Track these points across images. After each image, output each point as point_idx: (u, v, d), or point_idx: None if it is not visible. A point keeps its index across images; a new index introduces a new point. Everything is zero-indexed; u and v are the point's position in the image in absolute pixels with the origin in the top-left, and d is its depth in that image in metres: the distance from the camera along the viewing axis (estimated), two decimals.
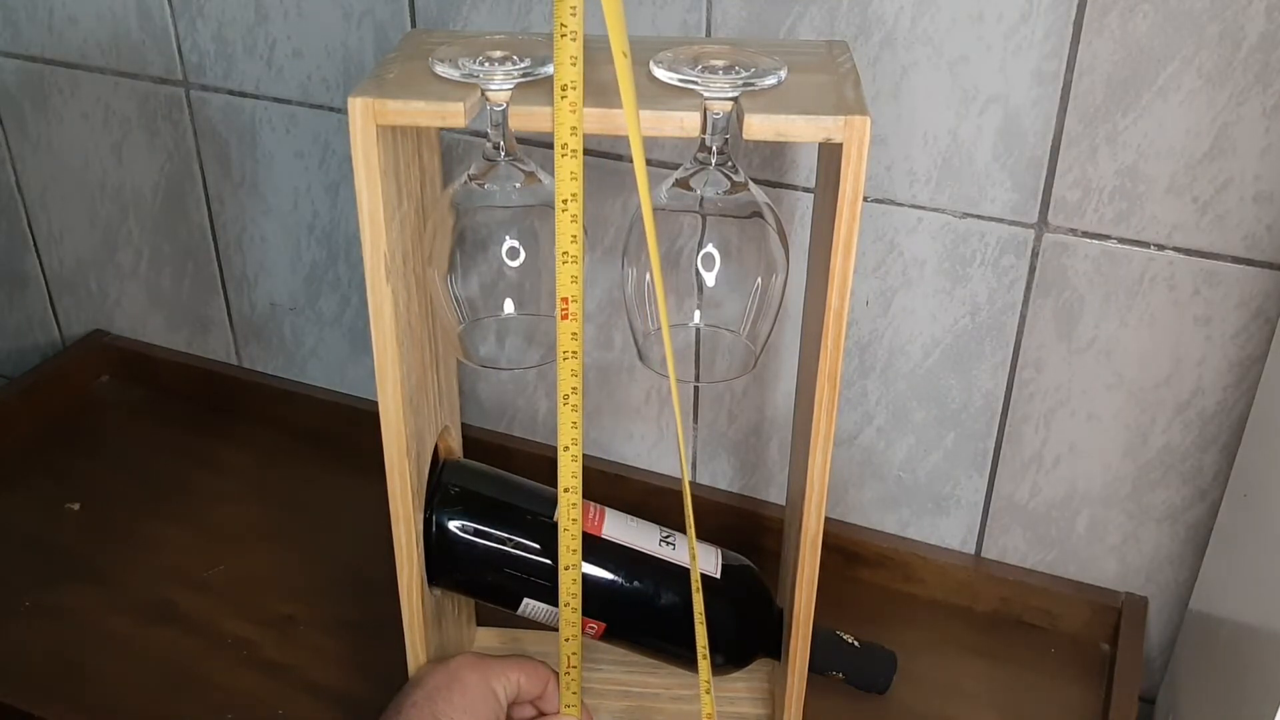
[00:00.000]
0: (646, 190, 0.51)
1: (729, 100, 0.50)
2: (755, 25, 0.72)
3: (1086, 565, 0.80)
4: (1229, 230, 0.67)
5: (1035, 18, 0.65)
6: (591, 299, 0.83)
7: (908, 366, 0.78)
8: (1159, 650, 0.80)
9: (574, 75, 0.49)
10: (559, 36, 0.48)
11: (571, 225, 0.52)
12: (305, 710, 0.74)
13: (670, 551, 0.66)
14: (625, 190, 0.80)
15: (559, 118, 0.50)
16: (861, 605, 0.82)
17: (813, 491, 0.58)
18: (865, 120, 0.48)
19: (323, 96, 0.87)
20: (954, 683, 0.76)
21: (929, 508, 0.83)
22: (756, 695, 0.72)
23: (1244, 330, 0.69)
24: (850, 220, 0.50)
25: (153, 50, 0.91)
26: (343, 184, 0.90)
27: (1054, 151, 0.68)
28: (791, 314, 0.73)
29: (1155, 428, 0.74)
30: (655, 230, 0.52)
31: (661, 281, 0.53)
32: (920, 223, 0.74)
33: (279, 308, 0.99)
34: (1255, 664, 0.58)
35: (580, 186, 0.52)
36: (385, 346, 0.56)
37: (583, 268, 0.54)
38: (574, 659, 0.64)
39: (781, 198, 0.76)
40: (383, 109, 0.50)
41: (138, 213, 1.00)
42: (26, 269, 1.09)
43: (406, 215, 0.57)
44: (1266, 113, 0.63)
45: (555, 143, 0.51)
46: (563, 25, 0.48)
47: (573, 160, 0.51)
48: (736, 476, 0.89)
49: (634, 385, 0.87)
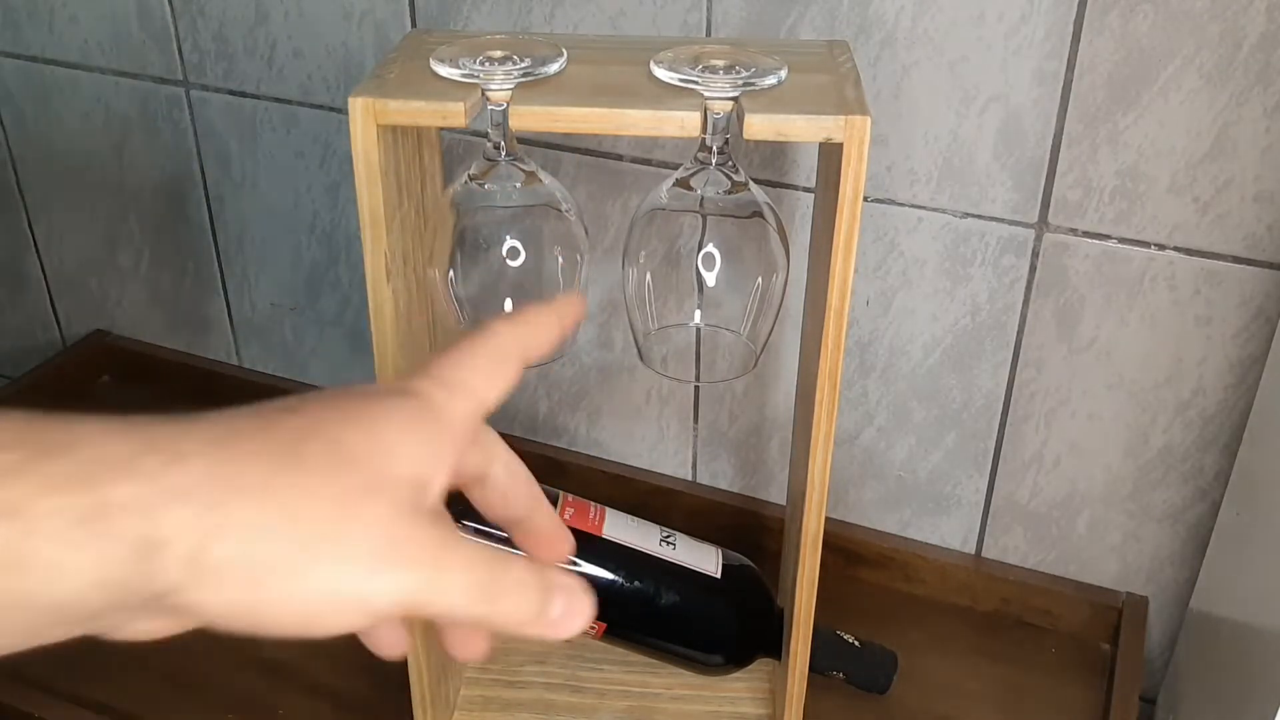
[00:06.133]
0: None
1: (729, 100, 0.50)
2: (755, 25, 0.72)
3: (1087, 565, 0.80)
4: (1229, 230, 0.67)
5: (1036, 17, 0.65)
6: (592, 299, 0.83)
7: (908, 366, 0.78)
8: (1159, 650, 0.80)
9: None
10: None
11: None
12: (305, 710, 0.74)
13: (670, 551, 0.66)
14: (625, 190, 0.80)
15: None
16: (862, 605, 0.82)
17: (813, 491, 0.58)
18: (865, 120, 0.48)
19: (323, 96, 0.87)
20: (954, 683, 0.76)
21: (929, 508, 0.83)
22: (756, 695, 0.72)
23: (1244, 330, 0.69)
24: (850, 220, 0.50)
25: (153, 50, 0.91)
26: (343, 184, 0.90)
27: (1054, 151, 0.68)
28: (791, 314, 0.73)
29: (1156, 428, 0.74)
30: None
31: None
32: (920, 223, 0.74)
33: (279, 308, 0.99)
34: (1255, 664, 0.58)
35: None
36: (385, 347, 0.56)
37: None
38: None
39: (782, 198, 0.76)
40: (383, 109, 0.50)
41: (138, 213, 1.00)
42: (27, 269, 1.09)
43: (407, 215, 0.57)
44: (1267, 112, 0.63)
45: None
46: None
47: None
48: (737, 476, 0.89)
49: (634, 385, 0.87)
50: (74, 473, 0.28)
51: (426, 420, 0.36)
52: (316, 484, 0.32)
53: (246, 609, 0.31)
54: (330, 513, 0.31)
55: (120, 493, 0.28)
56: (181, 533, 0.29)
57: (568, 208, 0.58)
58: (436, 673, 0.67)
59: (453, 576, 0.33)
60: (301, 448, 0.32)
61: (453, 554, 0.33)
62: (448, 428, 0.36)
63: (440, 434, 0.36)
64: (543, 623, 0.35)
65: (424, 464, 0.34)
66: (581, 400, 0.90)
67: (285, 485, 0.31)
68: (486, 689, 0.73)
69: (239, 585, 0.30)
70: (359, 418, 0.34)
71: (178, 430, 0.30)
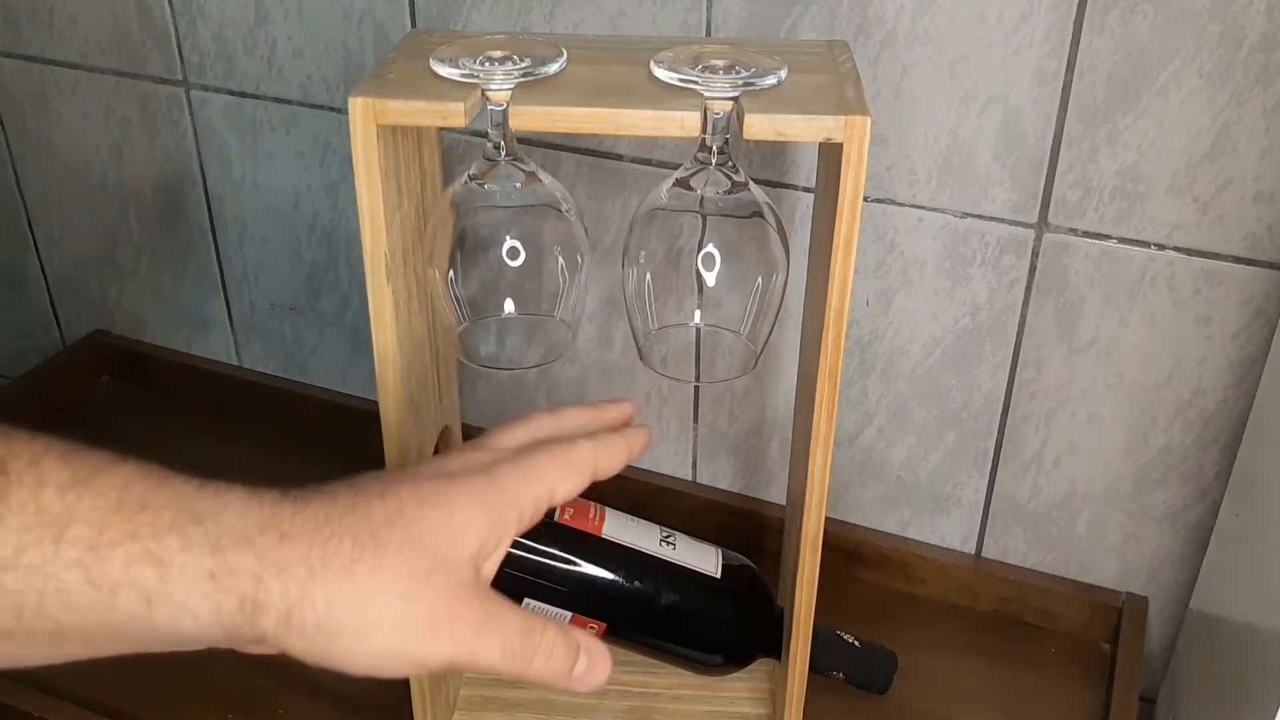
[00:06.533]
0: None
1: (729, 100, 0.50)
2: (755, 25, 0.72)
3: (1087, 565, 0.80)
4: (1229, 230, 0.67)
5: (1036, 17, 0.65)
6: (592, 299, 0.83)
7: (908, 366, 0.78)
8: (1159, 650, 0.80)
9: None
10: None
11: None
12: (305, 710, 0.74)
13: (670, 551, 0.66)
14: (625, 190, 0.80)
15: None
16: (862, 605, 0.82)
17: (813, 491, 0.58)
18: (865, 120, 0.48)
19: (323, 96, 0.87)
20: (954, 683, 0.76)
21: (929, 508, 0.83)
22: (756, 695, 0.72)
23: (1244, 330, 0.69)
24: (850, 220, 0.50)
25: (153, 50, 0.91)
26: (343, 184, 0.90)
27: (1054, 151, 0.68)
28: (791, 314, 0.73)
29: (1156, 427, 0.74)
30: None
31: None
32: (920, 223, 0.74)
33: (279, 308, 0.99)
34: (1255, 664, 0.58)
35: None
36: (385, 347, 0.56)
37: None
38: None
39: (781, 198, 0.76)
40: (383, 109, 0.50)
41: (138, 213, 1.00)
42: (27, 269, 1.09)
43: (407, 215, 0.57)
44: (1267, 112, 0.63)
45: None
46: None
47: None
48: (737, 476, 0.89)
49: (634, 385, 0.87)
50: (209, 539, 0.37)
51: (495, 501, 0.44)
52: (391, 563, 0.40)
53: (322, 656, 0.40)
54: (398, 589, 0.40)
55: (239, 561, 0.37)
56: (278, 599, 0.38)
57: (568, 208, 0.58)
58: (436, 673, 0.67)
59: (491, 645, 0.42)
60: (384, 531, 0.40)
61: (494, 625, 0.42)
62: (514, 509, 0.45)
63: (505, 513, 0.44)
64: (568, 680, 0.45)
65: (488, 539, 0.43)
66: (581, 400, 0.90)
67: (365, 568, 0.39)
68: (486, 689, 0.73)
69: (318, 639, 0.39)
70: (437, 501, 0.42)
71: (290, 511, 0.39)
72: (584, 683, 0.45)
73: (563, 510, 0.62)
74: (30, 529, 0.34)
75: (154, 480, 0.37)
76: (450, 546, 0.42)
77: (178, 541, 0.36)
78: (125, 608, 0.35)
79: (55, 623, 0.35)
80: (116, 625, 0.36)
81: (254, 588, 0.37)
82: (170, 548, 0.36)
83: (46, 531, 0.34)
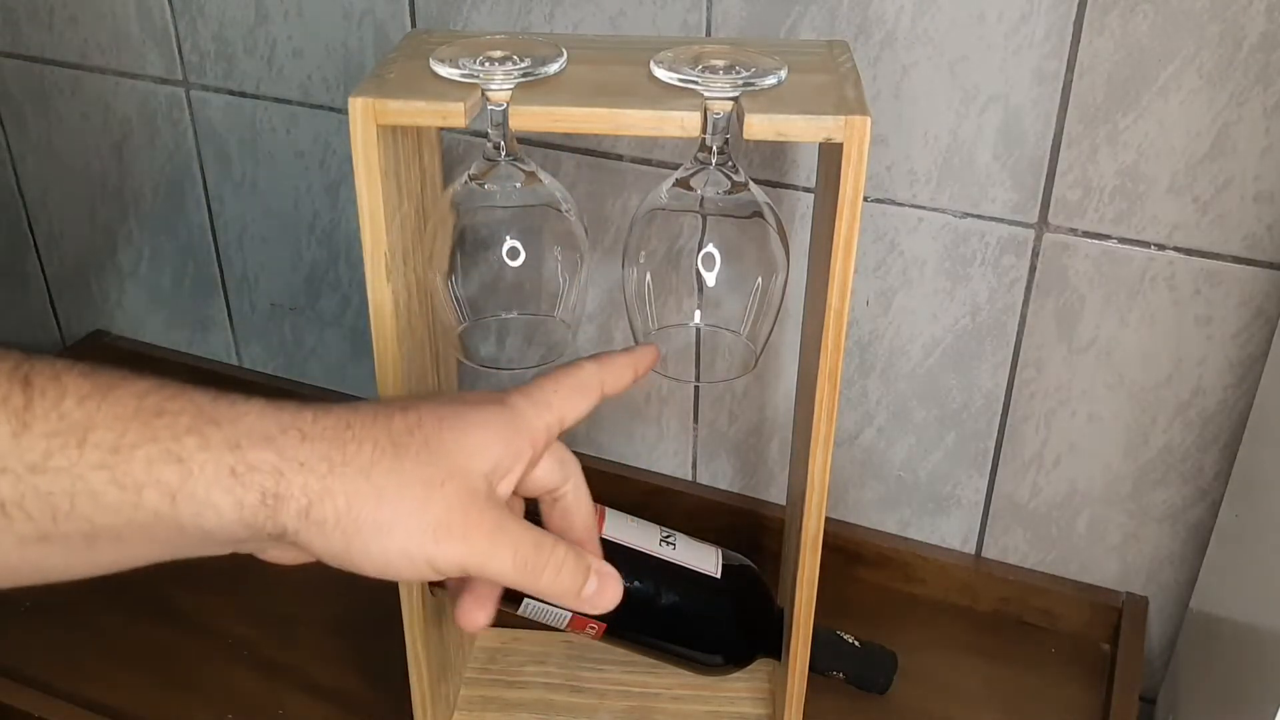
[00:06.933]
0: None
1: (729, 100, 0.50)
2: (755, 25, 0.72)
3: (1087, 565, 0.80)
4: (1229, 230, 0.67)
5: (1036, 17, 0.65)
6: (592, 299, 0.83)
7: (908, 366, 0.78)
8: (1159, 650, 0.80)
9: None
10: None
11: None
12: (305, 710, 0.74)
13: (670, 551, 0.66)
14: (625, 190, 0.80)
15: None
16: (862, 605, 0.82)
17: (813, 491, 0.58)
18: (865, 120, 0.48)
19: (323, 96, 0.87)
20: (954, 683, 0.76)
21: (929, 508, 0.83)
22: (756, 695, 0.72)
23: (1244, 330, 0.69)
24: (850, 220, 0.50)
25: (153, 50, 0.91)
26: (343, 184, 0.90)
27: (1054, 151, 0.68)
28: (791, 314, 0.73)
29: (1156, 427, 0.74)
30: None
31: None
32: (920, 223, 0.74)
33: (279, 308, 0.99)
34: (1255, 664, 0.58)
35: None
36: (385, 347, 0.56)
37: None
38: None
39: (781, 198, 0.76)
40: (383, 109, 0.50)
41: (138, 213, 1.00)
42: (26, 269, 1.09)
43: (406, 215, 0.57)
44: (1267, 113, 0.63)
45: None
46: None
47: None
48: (737, 476, 0.89)
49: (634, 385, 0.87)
50: (228, 438, 0.38)
51: (509, 426, 0.45)
52: (409, 468, 0.41)
53: (341, 554, 0.41)
54: (415, 492, 0.41)
55: (259, 457, 0.39)
56: (298, 493, 0.39)
57: (568, 208, 0.58)
58: (436, 673, 0.67)
59: (502, 554, 0.43)
60: (404, 439, 0.42)
61: (505, 535, 0.43)
62: (526, 434, 0.46)
63: (518, 438, 0.45)
64: (576, 599, 0.46)
65: (501, 461, 0.44)
66: None
67: (383, 469, 0.41)
68: (486, 689, 0.73)
69: (336, 536, 0.40)
70: (455, 420, 0.44)
71: (311, 417, 0.41)
72: (594, 603, 0.46)
73: None
74: (56, 434, 0.36)
75: (170, 390, 0.39)
76: (466, 460, 0.43)
77: (195, 442, 0.38)
78: (150, 506, 0.37)
79: (89, 523, 0.37)
80: (144, 524, 0.38)
81: (275, 482, 0.39)
82: (189, 447, 0.38)
83: (71, 437, 0.36)
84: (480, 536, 0.42)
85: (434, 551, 0.42)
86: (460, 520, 0.42)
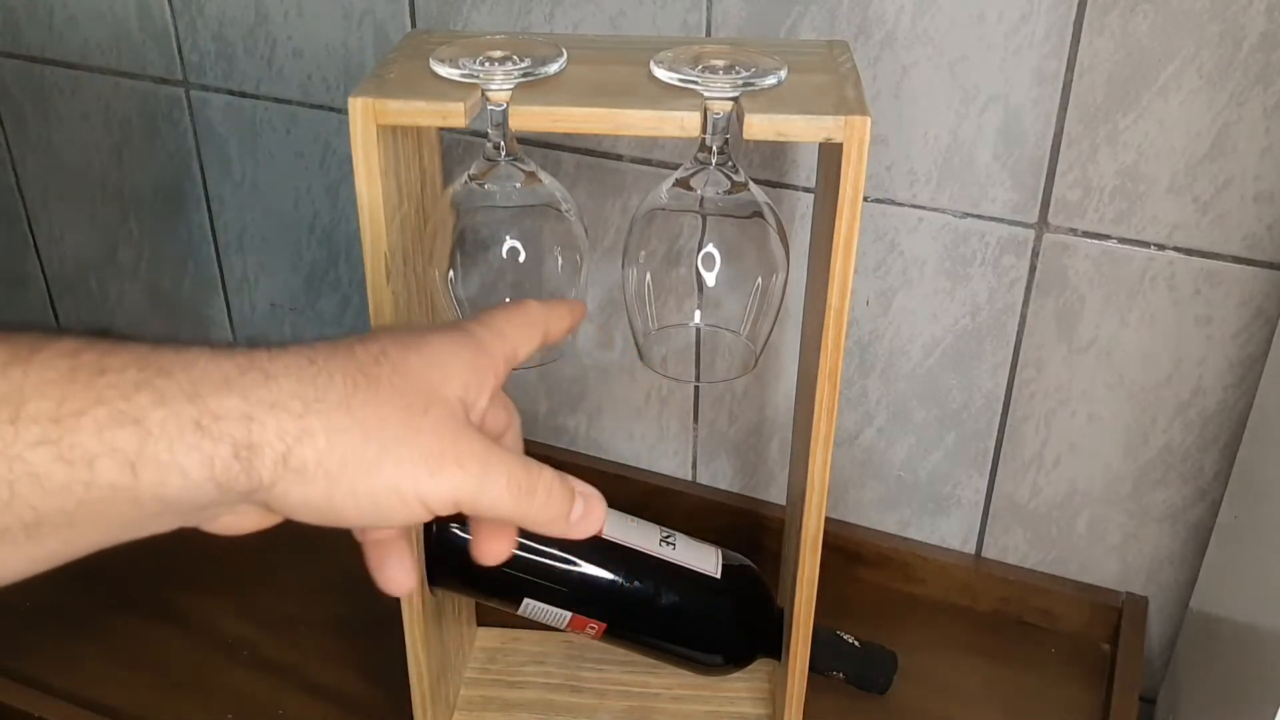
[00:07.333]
0: None
1: (729, 100, 0.50)
2: (755, 25, 0.72)
3: (1087, 565, 0.80)
4: (1229, 230, 0.67)
5: (1036, 17, 0.65)
6: (592, 299, 0.83)
7: (908, 366, 0.78)
8: (1159, 650, 0.80)
9: None
10: None
11: None
12: (305, 710, 0.74)
13: (670, 551, 0.66)
14: (625, 190, 0.80)
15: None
16: (861, 605, 0.82)
17: (813, 491, 0.58)
18: (865, 120, 0.48)
19: (323, 96, 0.87)
20: (954, 683, 0.76)
21: (929, 508, 0.83)
22: (756, 695, 0.72)
23: (1244, 330, 0.69)
24: (850, 220, 0.50)
25: (153, 50, 0.91)
26: (343, 184, 0.90)
27: (1054, 151, 0.68)
28: (791, 314, 0.73)
29: (1156, 427, 0.74)
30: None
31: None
32: (920, 223, 0.74)
33: (279, 308, 0.99)
34: (1255, 664, 0.58)
35: None
36: None
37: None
38: None
39: (781, 198, 0.76)
40: (383, 109, 0.50)
41: (138, 213, 1.00)
42: (26, 269, 1.09)
43: (406, 215, 0.57)
44: (1267, 112, 0.63)
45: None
46: None
47: None
48: (736, 476, 0.89)
49: (634, 385, 0.87)
50: (184, 389, 0.33)
51: (472, 350, 0.42)
52: (386, 397, 0.37)
53: (324, 501, 0.36)
54: (398, 421, 0.37)
55: (223, 405, 0.34)
56: (272, 438, 0.34)
57: (568, 208, 0.58)
58: (436, 673, 0.67)
59: (497, 478, 0.39)
60: (373, 369, 0.38)
61: (498, 459, 0.40)
62: (489, 359, 0.43)
63: (482, 362, 0.42)
64: (566, 523, 0.42)
65: (470, 385, 0.41)
66: (581, 400, 0.90)
67: (360, 400, 0.37)
68: (486, 689, 0.74)
69: (319, 482, 0.36)
70: (419, 346, 0.40)
71: (268, 356, 0.36)
72: (581, 528, 0.43)
73: None
74: None
75: (104, 346, 0.34)
76: (440, 385, 0.40)
77: (149, 398, 0.33)
78: (105, 480, 0.32)
79: (32, 511, 0.32)
80: (96, 503, 0.33)
81: (246, 430, 0.34)
82: (142, 405, 0.33)
83: (1, 413, 0.31)
84: (474, 463, 0.39)
85: (429, 485, 0.38)
86: (451, 448, 0.38)
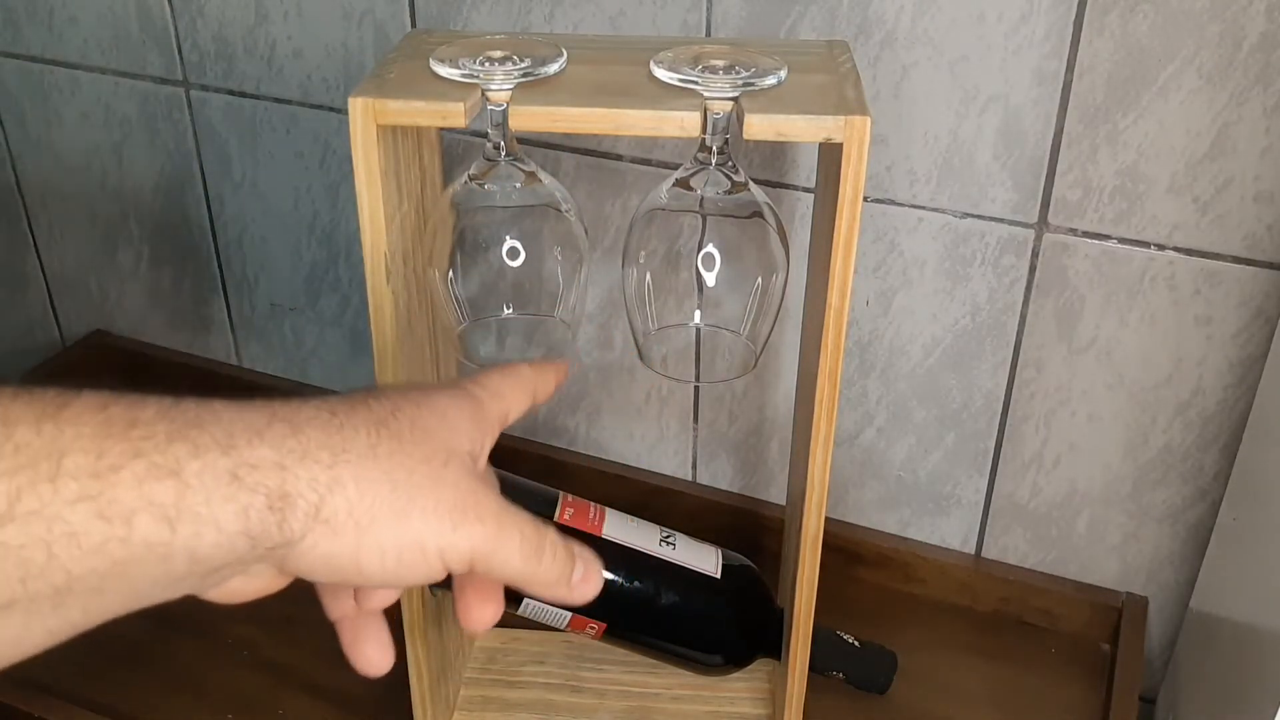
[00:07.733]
0: None
1: (729, 100, 0.50)
2: (755, 25, 0.72)
3: (1087, 565, 0.80)
4: (1229, 230, 0.67)
5: (1035, 17, 0.65)
6: (592, 299, 0.83)
7: (908, 366, 0.78)
8: (1159, 650, 0.80)
9: None
10: None
11: None
12: (305, 710, 0.74)
13: (670, 551, 0.66)
14: (625, 190, 0.80)
15: None
16: (861, 605, 0.82)
17: (813, 491, 0.58)
18: (865, 120, 0.48)
19: (323, 96, 0.87)
20: (954, 683, 0.76)
21: (929, 508, 0.83)
22: (756, 695, 0.72)
23: (1244, 330, 0.69)
24: (850, 220, 0.50)
25: (153, 50, 0.91)
26: (343, 184, 0.90)
27: (1054, 151, 0.68)
28: (791, 314, 0.73)
29: (1156, 427, 0.74)
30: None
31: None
32: (920, 223, 0.74)
33: (279, 308, 0.99)
34: (1255, 664, 0.58)
35: None
36: (385, 347, 0.56)
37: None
38: None
39: (781, 198, 0.76)
40: (383, 109, 0.50)
41: (138, 213, 1.00)
42: (26, 269, 1.09)
43: (406, 215, 0.57)
44: (1267, 113, 0.63)
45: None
46: None
47: None
48: (736, 476, 0.89)
49: (634, 385, 0.87)
50: (219, 440, 0.34)
51: (474, 408, 0.43)
52: (409, 449, 0.38)
53: (349, 557, 0.36)
54: (422, 473, 0.38)
55: (256, 454, 0.34)
56: (305, 489, 0.35)
57: (568, 208, 0.58)
58: (436, 673, 0.67)
59: (511, 535, 0.40)
60: (391, 423, 0.39)
61: (511, 516, 0.40)
62: (487, 418, 0.44)
63: (484, 421, 0.44)
64: (568, 586, 0.43)
65: (475, 441, 0.42)
66: (581, 400, 0.90)
67: (385, 451, 0.37)
68: (486, 689, 0.73)
69: (348, 534, 0.36)
70: (428, 403, 0.41)
71: (291, 408, 0.36)
72: (581, 591, 0.43)
73: (562, 510, 0.62)
74: (19, 471, 0.30)
75: (129, 401, 0.34)
76: (452, 440, 0.40)
77: (185, 449, 0.33)
78: (140, 537, 0.31)
79: (65, 574, 0.31)
80: (130, 563, 0.31)
81: (279, 479, 0.34)
82: (179, 456, 0.32)
83: (38, 470, 0.30)
84: (490, 519, 0.39)
85: (451, 539, 0.38)
86: (472, 502, 0.39)
